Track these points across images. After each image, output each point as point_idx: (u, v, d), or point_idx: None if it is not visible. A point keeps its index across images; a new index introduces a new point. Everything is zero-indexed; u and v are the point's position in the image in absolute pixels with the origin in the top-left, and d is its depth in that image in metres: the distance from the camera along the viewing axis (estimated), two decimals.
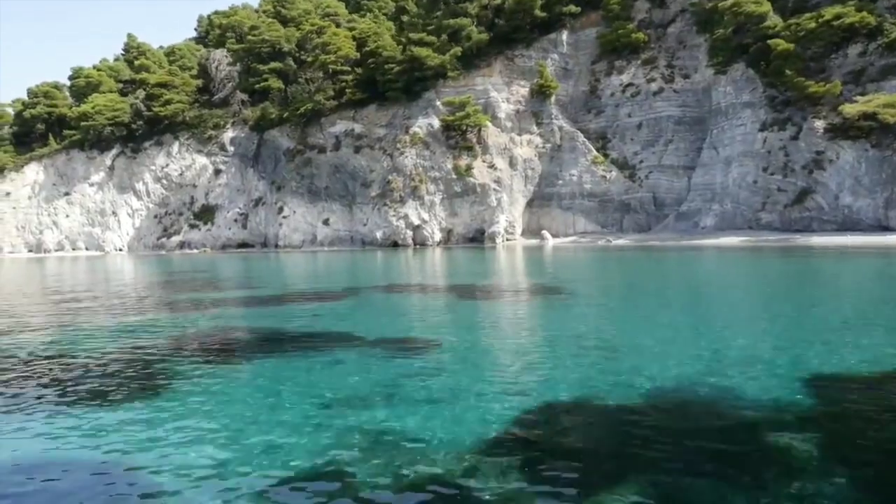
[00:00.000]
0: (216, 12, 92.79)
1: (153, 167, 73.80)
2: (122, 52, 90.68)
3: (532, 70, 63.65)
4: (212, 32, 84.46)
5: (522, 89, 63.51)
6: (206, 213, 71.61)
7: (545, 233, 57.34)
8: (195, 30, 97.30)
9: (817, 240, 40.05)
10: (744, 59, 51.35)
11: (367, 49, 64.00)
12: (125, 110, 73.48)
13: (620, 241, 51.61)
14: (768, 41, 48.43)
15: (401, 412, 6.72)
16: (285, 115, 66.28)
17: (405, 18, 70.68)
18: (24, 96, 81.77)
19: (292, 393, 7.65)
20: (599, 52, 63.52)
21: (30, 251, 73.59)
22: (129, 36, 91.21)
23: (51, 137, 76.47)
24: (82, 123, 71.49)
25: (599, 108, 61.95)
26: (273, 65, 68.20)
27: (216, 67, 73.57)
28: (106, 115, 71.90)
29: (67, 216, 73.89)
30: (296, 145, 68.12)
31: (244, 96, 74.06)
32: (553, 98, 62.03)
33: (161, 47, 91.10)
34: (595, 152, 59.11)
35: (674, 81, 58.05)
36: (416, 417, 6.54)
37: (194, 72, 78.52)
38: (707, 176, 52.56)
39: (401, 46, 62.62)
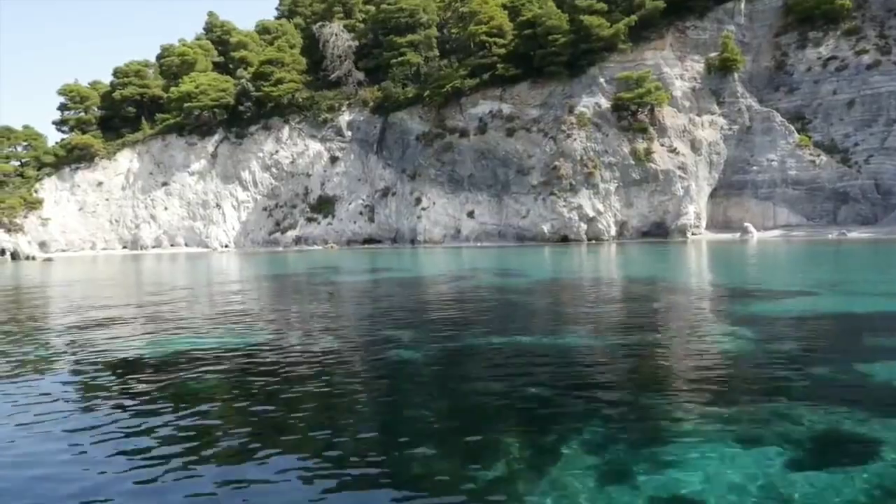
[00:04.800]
0: None
1: (260, 154, 66.39)
2: (204, 32, 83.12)
3: (706, 43, 56.65)
4: (310, 7, 76.62)
5: (696, 65, 56.42)
6: (324, 205, 64.17)
7: (749, 226, 50.05)
8: (276, 8, 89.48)
9: None
10: None
11: (523, 18, 56.57)
12: (230, 91, 66.01)
13: (854, 235, 44.45)
14: None
15: None
16: (426, 93, 58.75)
17: None
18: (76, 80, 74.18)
19: None
20: (784, 23, 56.43)
21: (124, 247, 66.03)
22: (211, 14, 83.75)
23: (143, 121, 68.91)
24: (185, 105, 63.89)
25: (792, 85, 54.74)
26: (411, 37, 60.67)
27: (332, 43, 66.03)
28: (211, 95, 64.35)
29: (166, 209, 66.34)
30: (431, 128, 60.74)
31: (361, 75, 66.73)
32: (736, 74, 54.90)
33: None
34: (797, 134, 51.91)
35: (892, 53, 50.85)
36: None
37: (296, 50, 70.98)
38: None
39: (565, 15, 55.16)
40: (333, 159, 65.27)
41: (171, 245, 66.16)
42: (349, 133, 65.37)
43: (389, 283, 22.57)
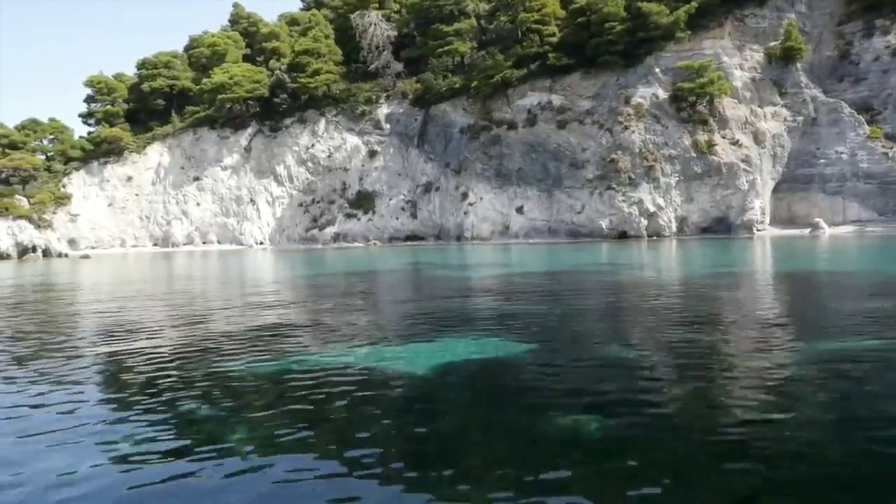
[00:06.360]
0: None
1: (296, 148, 64.06)
2: (230, 24, 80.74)
3: (765, 32, 54.52)
4: None
5: (756, 54, 54.23)
6: (364, 201, 61.87)
7: (820, 221, 47.89)
8: (301, 0, 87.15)
9: None
10: None
11: (576, 6, 54.34)
12: (263, 82, 63.66)
13: None
14: None
15: None
16: (473, 84, 56.48)
17: None
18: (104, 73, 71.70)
19: None
20: (847, 11, 54.38)
21: (154, 244, 63.67)
22: (236, 5, 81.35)
23: (172, 114, 66.55)
24: (219, 96, 61.54)
25: (857, 76, 52.68)
26: (457, 25, 58.35)
27: (371, 33, 63.68)
28: (245, 86, 61.99)
29: (198, 204, 63.97)
30: (476, 121, 58.49)
31: (399, 66, 64.42)
32: (799, 64, 52.79)
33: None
34: (867, 126, 49.78)
35: None
36: None
37: (330, 41, 68.56)
38: None
39: (622, 2, 52.93)
40: (372, 153, 62.98)
41: (204, 242, 63.82)
42: (388, 126, 63.09)
43: (521, 278, 20.33)
